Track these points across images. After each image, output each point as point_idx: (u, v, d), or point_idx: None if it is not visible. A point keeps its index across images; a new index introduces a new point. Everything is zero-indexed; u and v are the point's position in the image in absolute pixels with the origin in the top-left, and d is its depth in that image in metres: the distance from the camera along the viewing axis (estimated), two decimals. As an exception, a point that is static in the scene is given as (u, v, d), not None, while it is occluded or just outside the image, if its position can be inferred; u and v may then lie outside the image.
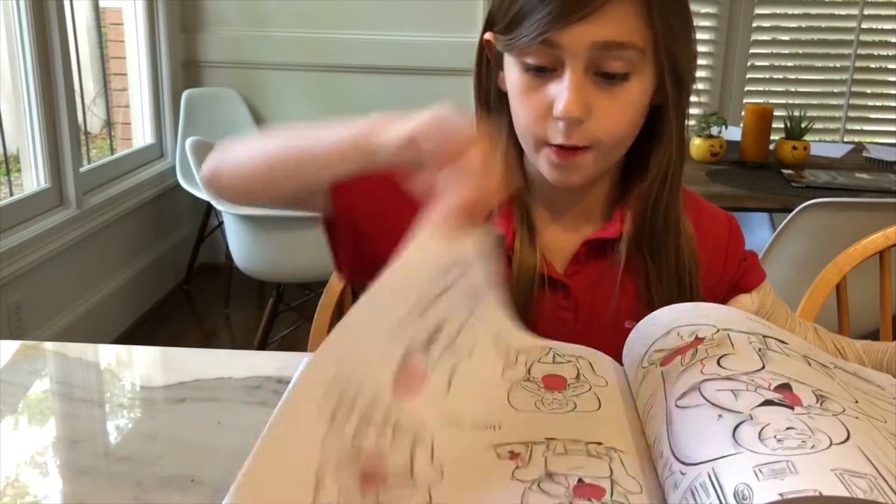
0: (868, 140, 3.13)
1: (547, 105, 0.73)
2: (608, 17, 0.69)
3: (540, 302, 0.79)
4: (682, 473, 0.49)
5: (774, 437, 0.47)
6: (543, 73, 0.72)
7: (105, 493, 0.55)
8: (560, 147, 0.73)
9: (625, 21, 0.70)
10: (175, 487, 0.55)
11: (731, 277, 0.87)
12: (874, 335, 1.16)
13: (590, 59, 0.70)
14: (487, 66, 0.81)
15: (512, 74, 0.76)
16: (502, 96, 0.80)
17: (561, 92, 0.71)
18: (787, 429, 0.48)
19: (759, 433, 0.48)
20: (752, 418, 0.49)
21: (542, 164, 0.77)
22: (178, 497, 0.54)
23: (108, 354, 0.81)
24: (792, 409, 0.50)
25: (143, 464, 0.58)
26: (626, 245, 0.80)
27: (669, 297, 0.80)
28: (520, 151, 0.81)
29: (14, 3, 2.22)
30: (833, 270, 1.10)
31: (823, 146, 2.58)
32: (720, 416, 0.50)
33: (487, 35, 0.79)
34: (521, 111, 0.75)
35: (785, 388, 0.52)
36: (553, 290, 0.80)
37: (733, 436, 0.48)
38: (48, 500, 0.55)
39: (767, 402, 0.51)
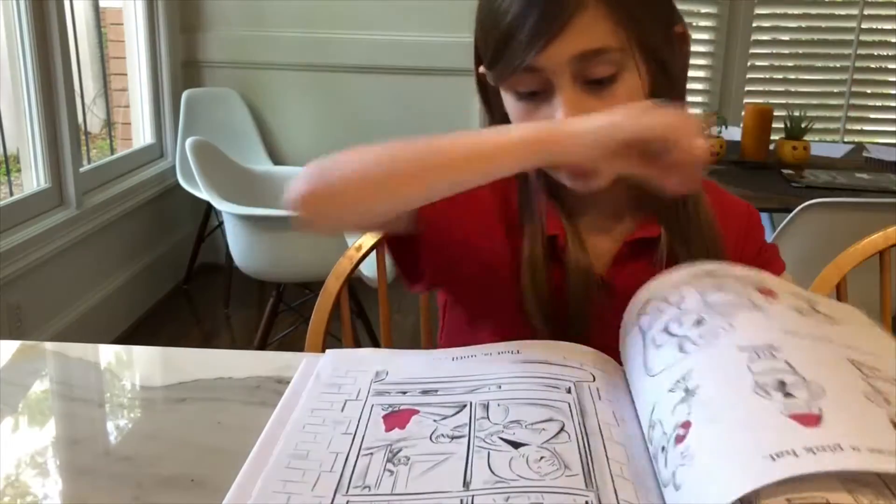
0: (868, 140, 3.13)
1: None
2: (578, 28, 0.69)
3: (595, 300, 0.80)
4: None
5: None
6: (536, 96, 0.74)
7: (105, 493, 0.55)
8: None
9: (595, 27, 0.70)
10: (175, 487, 0.55)
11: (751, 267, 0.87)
12: (874, 335, 1.16)
13: (574, 72, 0.71)
14: (487, 94, 0.82)
15: (508, 102, 0.77)
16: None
17: (556, 110, 0.72)
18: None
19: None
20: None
21: (560, 176, 0.78)
22: (178, 497, 0.54)
23: (108, 354, 0.81)
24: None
25: (143, 464, 0.58)
26: (666, 242, 0.81)
27: None
28: None
29: (14, 3, 2.22)
30: (833, 270, 1.10)
31: (823, 146, 2.58)
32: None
33: (481, 69, 0.80)
34: None
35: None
36: (598, 291, 0.81)
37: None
38: (48, 500, 0.55)
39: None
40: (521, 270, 0.80)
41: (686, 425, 0.50)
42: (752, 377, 0.50)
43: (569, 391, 0.62)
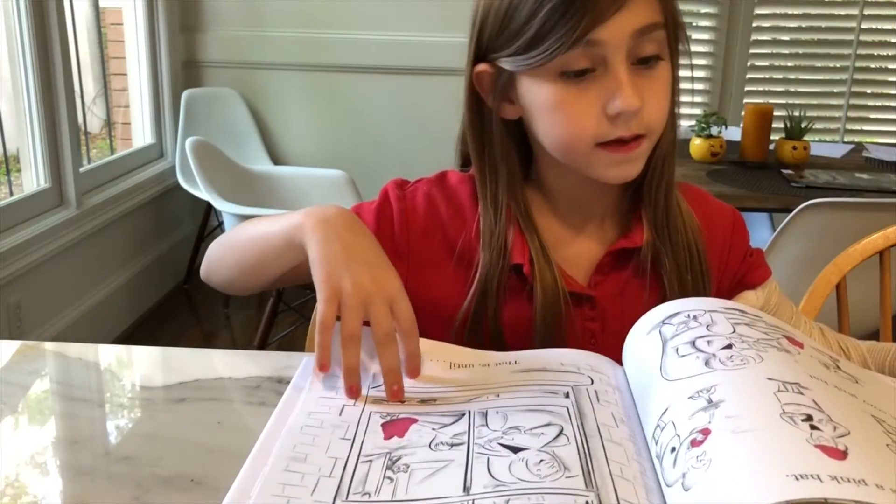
0: (868, 140, 3.13)
1: (597, 106, 0.71)
2: (638, 2, 0.69)
3: (567, 318, 0.78)
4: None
5: None
6: (583, 76, 0.71)
7: (105, 493, 0.55)
8: (618, 143, 0.72)
9: (649, 3, 0.70)
10: (175, 487, 0.55)
11: (734, 272, 0.86)
12: (874, 335, 1.16)
13: (629, 48, 0.70)
14: (479, 102, 0.80)
15: (542, 91, 0.73)
16: (507, 125, 0.79)
17: (614, 88, 0.70)
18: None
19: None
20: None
21: (598, 165, 0.75)
22: (178, 497, 0.54)
23: (108, 354, 0.81)
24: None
25: (143, 464, 0.58)
26: (650, 250, 0.80)
27: (691, 290, 0.81)
28: (524, 175, 0.81)
29: (14, 3, 2.22)
30: (833, 270, 1.10)
31: (823, 146, 2.58)
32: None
33: (481, 67, 0.77)
34: (566, 121, 0.73)
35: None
36: (578, 304, 0.80)
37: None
38: (48, 500, 0.55)
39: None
40: (472, 302, 0.79)
41: (705, 432, 0.50)
42: (779, 405, 0.50)
43: (567, 395, 0.62)
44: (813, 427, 0.48)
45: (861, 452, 0.46)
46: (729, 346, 0.58)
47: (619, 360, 0.70)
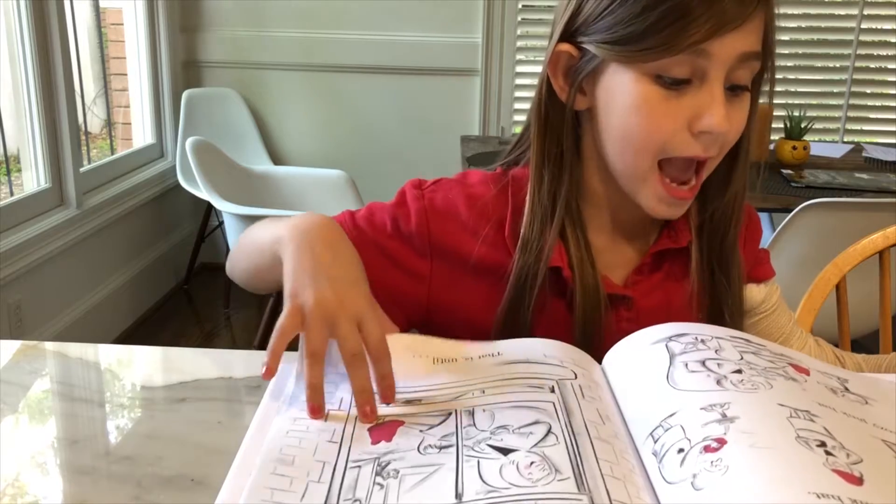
0: (867, 140, 3.13)
1: (683, 118, 0.69)
2: (752, 26, 0.67)
3: (605, 320, 0.77)
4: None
5: None
6: (678, 86, 0.68)
7: (105, 493, 0.55)
8: (680, 183, 0.72)
9: (759, 30, 0.68)
10: (175, 487, 0.55)
11: (747, 265, 0.86)
12: (874, 335, 1.16)
13: (730, 69, 0.68)
14: (551, 87, 0.76)
15: (629, 87, 0.70)
16: (575, 116, 0.76)
17: (707, 105, 0.68)
18: None
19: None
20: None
21: (648, 191, 0.73)
22: (178, 497, 0.54)
23: (108, 354, 0.81)
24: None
25: (143, 464, 0.58)
26: (695, 252, 0.80)
27: (720, 289, 0.80)
28: (577, 167, 0.78)
29: (14, 3, 2.22)
30: (832, 270, 1.10)
31: (823, 146, 2.59)
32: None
33: (564, 46, 0.73)
34: (644, 121, 0.70)
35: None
36: (615, 306, 0.78)
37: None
38: (48, 500, 0.55)
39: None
40: (506, 305, 0.76)
41: (720, 441, 0.50)
42: (793, 429, 0.51)
43: (552, 390, 0.61)
44: (827, 453, 0.48)
45: (876, 480, 0.47)
46: (739, 371, 0.59)
47: None
